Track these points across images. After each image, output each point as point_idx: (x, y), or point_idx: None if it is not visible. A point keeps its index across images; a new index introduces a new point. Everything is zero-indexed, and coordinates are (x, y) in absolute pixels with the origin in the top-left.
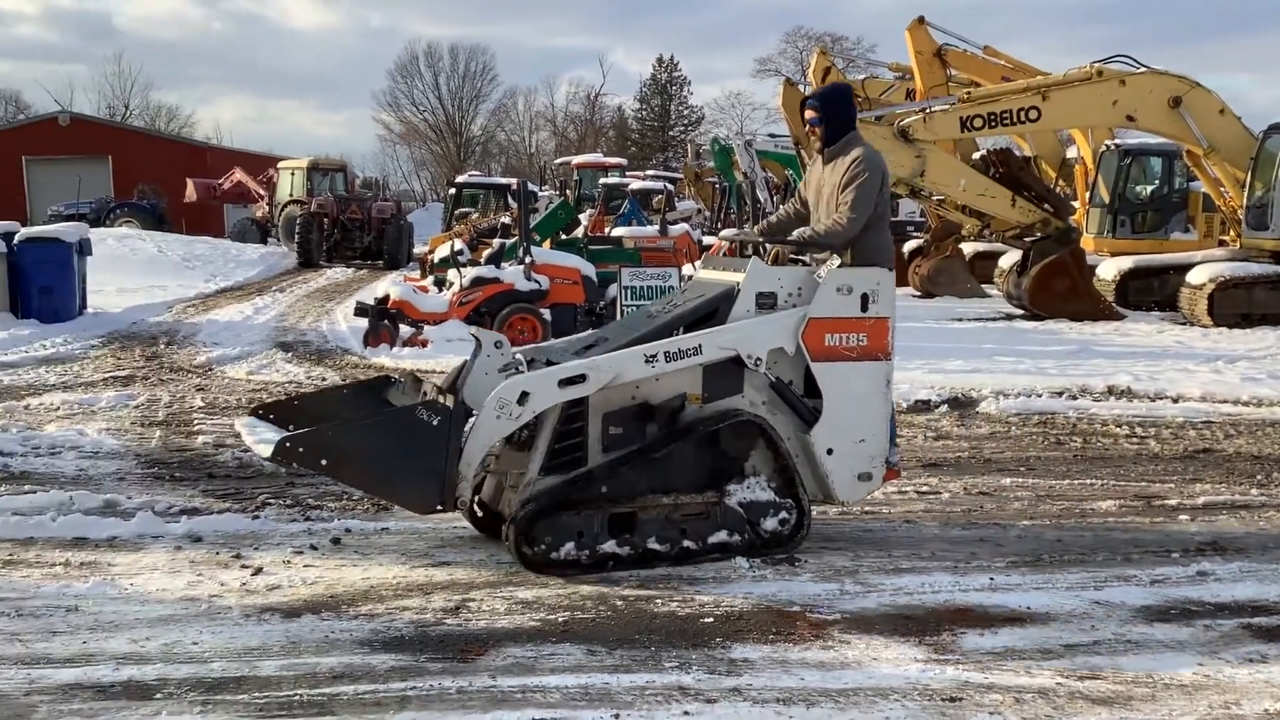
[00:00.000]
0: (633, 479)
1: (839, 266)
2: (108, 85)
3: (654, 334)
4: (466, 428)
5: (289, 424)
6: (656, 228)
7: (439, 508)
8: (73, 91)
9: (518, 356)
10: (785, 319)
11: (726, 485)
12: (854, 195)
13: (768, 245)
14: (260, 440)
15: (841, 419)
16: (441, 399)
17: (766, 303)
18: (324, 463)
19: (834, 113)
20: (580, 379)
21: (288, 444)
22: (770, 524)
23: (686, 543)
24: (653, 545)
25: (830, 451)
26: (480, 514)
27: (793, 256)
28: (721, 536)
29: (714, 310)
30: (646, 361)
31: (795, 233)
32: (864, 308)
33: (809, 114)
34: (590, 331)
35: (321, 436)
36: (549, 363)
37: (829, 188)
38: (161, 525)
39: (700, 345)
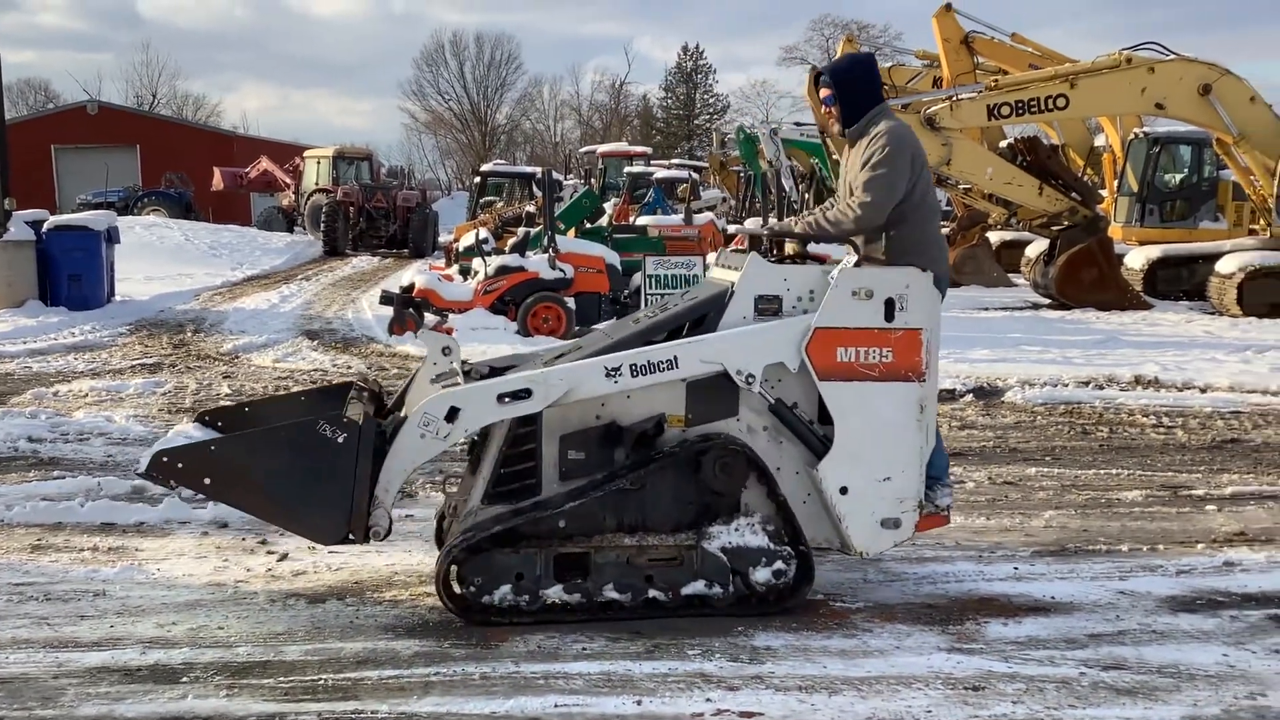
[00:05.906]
0: (592, 512)
1: (855, 264)
2: (135, 74)
3: (627, 342)
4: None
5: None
6: (681, 217)
7: (349, 537)
8: (101, 80)
9: (456, 366)
10: (785, 328)
11: (708, 526)
12: (868, 176)
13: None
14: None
15: (859, 451)
16: (356, 415)
17: (768, 308)
18: (207, 482)
19: (849, 88)
20: (524, 394)
21: (165, 458)
22: (762, 575)
23: (653, 593)
24: (609, 593)
25: (844, 490)
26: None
27: (805, 254)
28: (698, 587)
29: (703, 316)
30: (608, 375)
31: (801, 222)
32: (888, 316)
33: (823, 92)
34: (577, 334)
35: (204, 451)
36: (494, 372)
37: (851, 174)
38: (188, 511)
39: (675, 358)
